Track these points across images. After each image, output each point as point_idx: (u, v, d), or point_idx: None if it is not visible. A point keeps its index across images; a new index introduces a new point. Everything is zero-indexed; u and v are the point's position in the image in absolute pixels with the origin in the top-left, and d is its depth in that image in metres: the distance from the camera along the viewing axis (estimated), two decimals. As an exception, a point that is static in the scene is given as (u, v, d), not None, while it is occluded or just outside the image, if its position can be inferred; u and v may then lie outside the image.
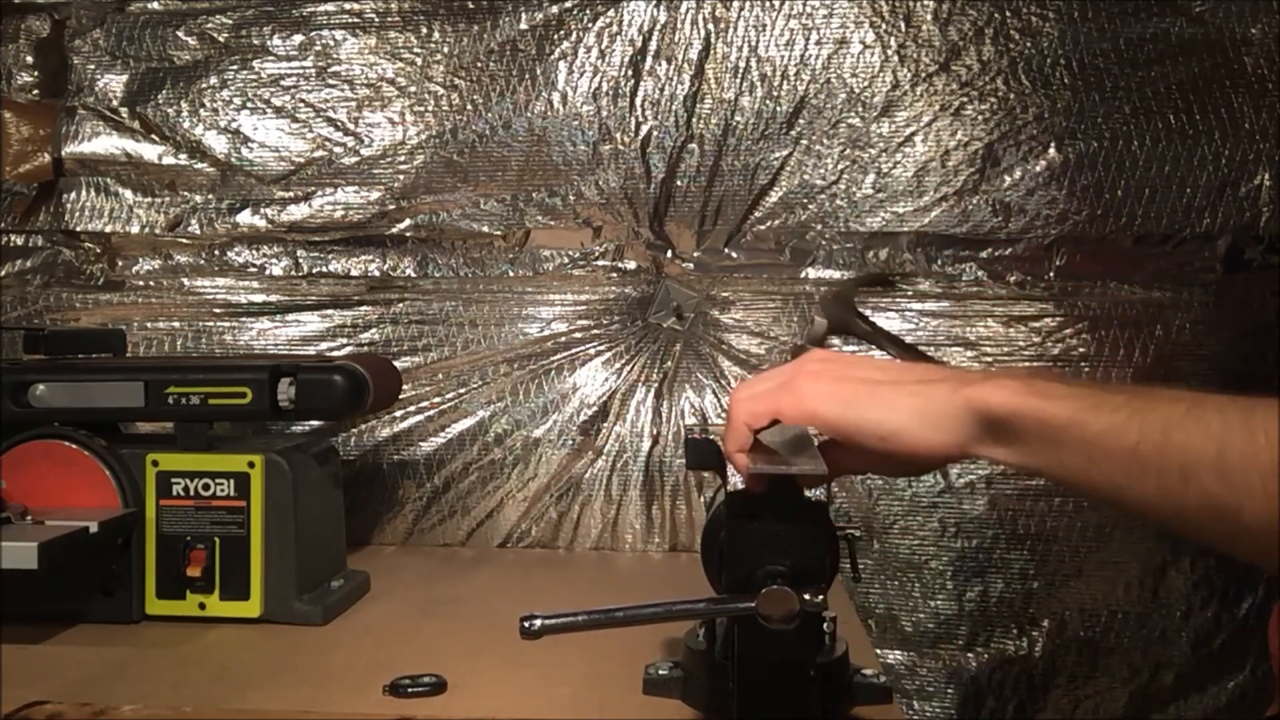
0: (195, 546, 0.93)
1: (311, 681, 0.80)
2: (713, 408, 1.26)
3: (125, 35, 1.32)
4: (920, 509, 1.24)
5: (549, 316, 1.29)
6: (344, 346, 1.31)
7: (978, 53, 1.22)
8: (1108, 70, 1.21)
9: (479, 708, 0.75)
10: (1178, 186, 1.20)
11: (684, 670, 0.77)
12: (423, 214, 1.30)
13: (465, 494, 1.29)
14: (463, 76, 1.28)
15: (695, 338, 1.27)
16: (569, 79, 1.27)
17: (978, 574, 1.23)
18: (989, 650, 1.23)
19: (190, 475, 0.94)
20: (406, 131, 1.29)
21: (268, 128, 1.31)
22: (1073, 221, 1.22)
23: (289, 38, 1.30)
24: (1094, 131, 1.21)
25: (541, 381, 1.29)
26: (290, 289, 1.32)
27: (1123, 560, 1.21)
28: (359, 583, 1.04)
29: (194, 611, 0.93)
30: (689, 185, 1.27)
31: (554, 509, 1.28)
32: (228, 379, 0.95)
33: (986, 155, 1.23)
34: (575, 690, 0.79)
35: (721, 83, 1.25)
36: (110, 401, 0.96)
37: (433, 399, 1.29)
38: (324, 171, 1.30)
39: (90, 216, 1.33)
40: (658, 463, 1.27)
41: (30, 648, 0.87)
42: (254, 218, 1.31)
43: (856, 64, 1.24)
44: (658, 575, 1.13)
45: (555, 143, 1.27)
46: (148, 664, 0.84)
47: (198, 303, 1.33)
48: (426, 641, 0.90)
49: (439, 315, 1.30)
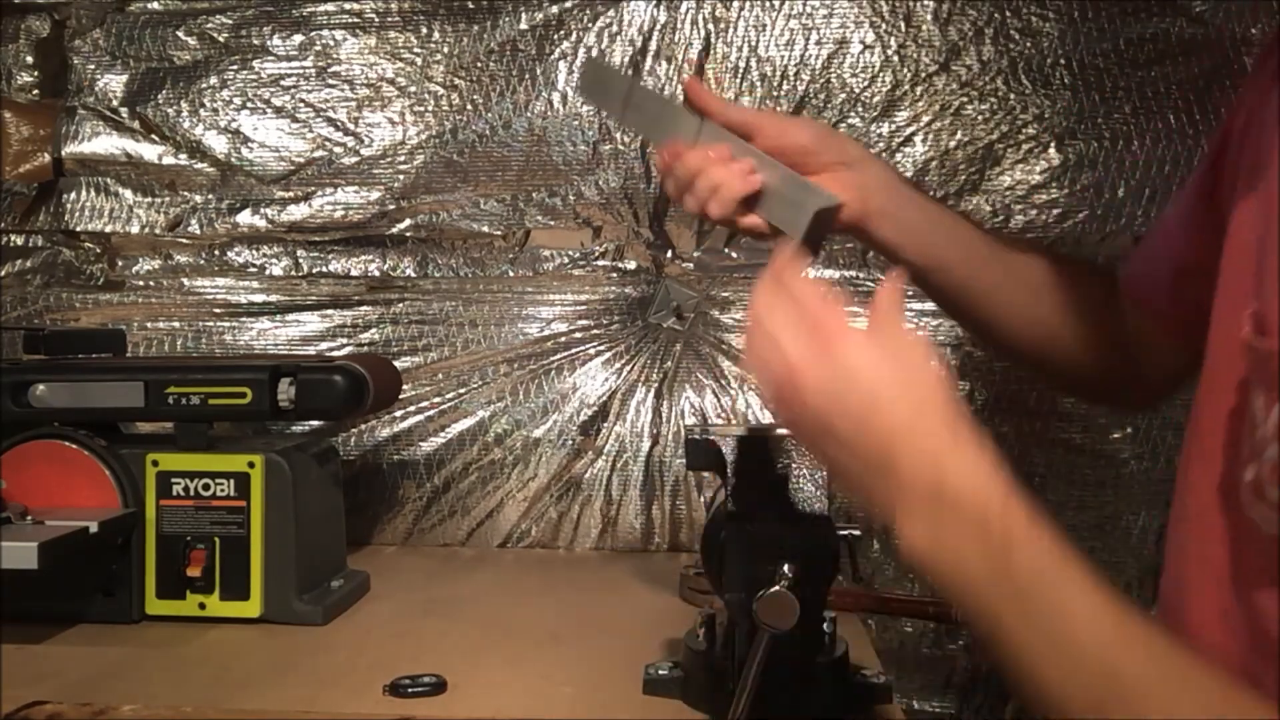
0: (195, 546, 0.93)
1: (311, 681, 0.80)
2: (713, 408, 1.26)
3: (125, 35, 1.32)
4: (920, 509, 1.24)
5: (549, 316, 1.29)
6: (344, 346, 1.31)
7: (978, 53, 1.22)
8: (1108, 70, 1.21)
9: (479, 708, 0.75)
10: (1178, 186, 1.20)
11: (684, 670, 0.77)
12: (423, 214, 1.30)
13: (465, 494, 1.29)
14: (463, 76, 1.28)
15: (695, 338, 1.27)
16: (569, 79, 1.27)
17: (978, 574, 1.23)
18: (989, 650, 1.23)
19: (190, 475, 0.94)
20: (406, 131, 1.29)
21: (268, 128, 1.31)
22: (1073, 221, 1.22)
23: (289, 38, 1.30)
24: (1094, 131, 1.21)
25: (541, 381, 1.29)
26: (290, 289, 1.32)
27: (1122, 560, 1.21)
28: (359, 583, 1.04)
29: (194, 611, 0.93)
30: (689, 185, 1.26)
31: (554, 509, 1.28)
32: (228, 379, 0.95)
33: (986, 155, 1.23)
34: (575, 690, 0.79)
35: (721, 83, 1.25)
36: (110, 401, 0.96)
37: (433, 399, 1.29)
38: (324, 171, 1.30)
39: (90, 216, 1.33)
40: (658, 463, 1.27)
41: (30, 648, 0.87)
42: (254, 218, 1.31)
43: (856, 64, 1.24)
44: (658, 575, 1.13)
45: (555, 143, 1.27)
46: (148, 664, 0.84)
47: (198, 303, 1.33)
48: (426, 641, 0.90)
49: (439, 315, 1.30)
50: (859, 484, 0.56)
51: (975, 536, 0.51)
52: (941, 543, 0.52)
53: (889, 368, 0.55)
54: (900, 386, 0.55)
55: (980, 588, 0.51)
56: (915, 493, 0.53)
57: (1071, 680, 0.48)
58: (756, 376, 0.61)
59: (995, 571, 0.50)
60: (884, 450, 0.54)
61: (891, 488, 0.54)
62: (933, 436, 0.53)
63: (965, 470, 0.52)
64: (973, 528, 0.51)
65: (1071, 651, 0.48)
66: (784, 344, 0.57)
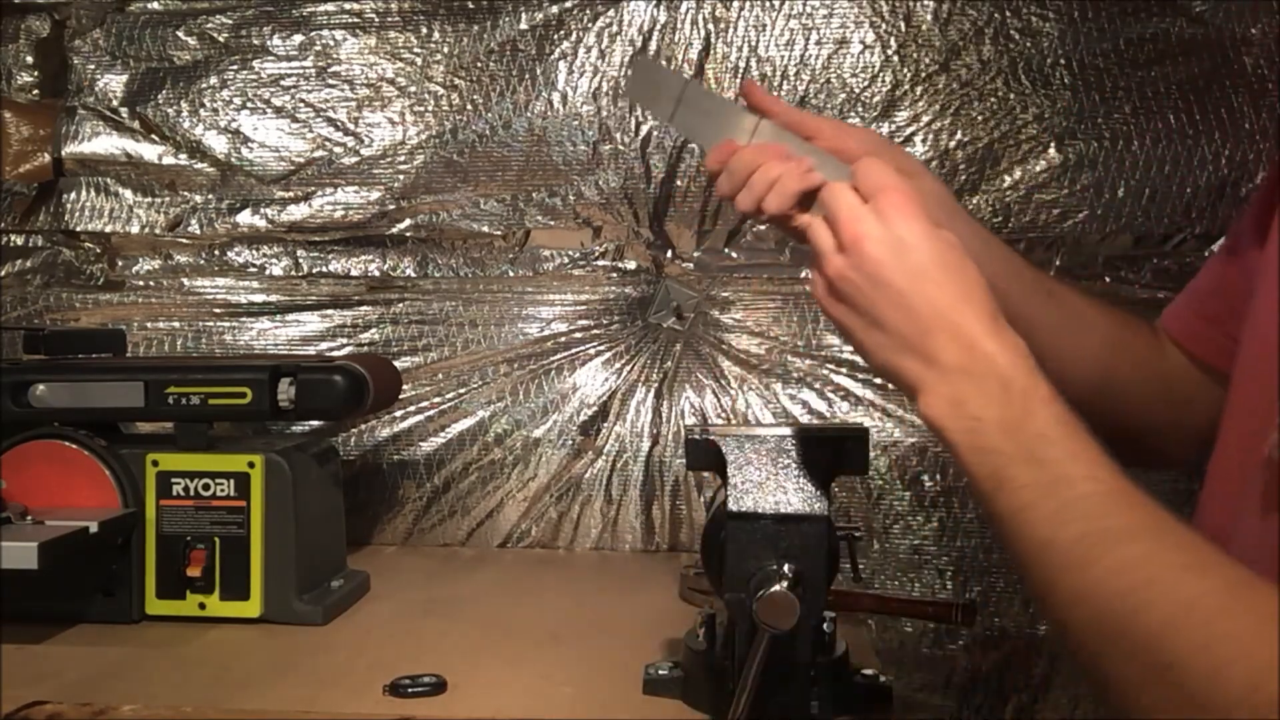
0: (195, 546, 0.93)
1: (311, 681, 0.80)
2: (713, 408, 1.26)
3: (125, 35, 1.32)
4: (920, 509, 1.24)
5: (549, 316, 1.29)
6: (344, 346, 1.31)
7: (978, 53, 1.22)
8: (1108, 70, 1.21)
9: (479, 708, 0.75)
10: (1178, 186, 1.20)
11: (684, 670, 0.77)
12: (423, 214, 1.30)
13: (465, 494, 1.29)
14: (463, 76, 1.28)
15: (695, 338, 1.27)
16: (569, 79, 1.27)
17: (978, 574, 1.23)
18: (988, 650, 1.23)
19: (190, 475, 0.94)
20: (406, 131, 1.29)
21: (268, 128, 1.31)
22: (1073, 221, 1.22)
23: (289, 38, 1.30)
24: (1094, 131, 1.21)
25: (541, 381, 1.29)
26: (290, 289, 1.32)
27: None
28: (359, 583, 1.04)
29: (194, 611, 0.93)
30: (689, 185, 1.27)
31: (554, 509, 1.28)
32: (228, 379, 0.95)
33: (986, 155, 1.23)
34: (575, 690, 0.79)
35: (721, 83, 1.25)
36: (110, 401, 0.96)
37: (433, 399, 1.29)
38: (324, 171, 1.30)
39: (90, 216, 1.33)
40: (658, 463, 1.27)
41: (30, 648, 0.87)
42: (254, 218, 1.31)
43: (856, 64, 1.24)
44: (658, 575, 1.13)
45: (555, 143, 1.27)
46: (148, 664, 0.84)
47: (198, 303, 1.33)
48: (426, 641, 0.90)
49: (439, 315, 1.30)
50: (888, 352, 0.59)
51: (997, 402, 0.55)
52: (962, 408, 0.56)
53: (950, 254, 0.59)
54: (954, 270, 0.59)
55: (992, 445, 0.54)
56: (945, 367, 0.57)
57: (1063, 531, 0.51)
58: (820, 226, 0.64)
59: (1009, 432, 0.54)
60: (925, 318, 0.58)
61: (921, 361, 0.58)
62: (973, 321, 0.57)
63: (997, 351, 0.56)
64: (995, 394, 0.55)
65: (1070, 506, 0.51)
66: (856, 206, 0.61)
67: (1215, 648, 0.43)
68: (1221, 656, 0.43)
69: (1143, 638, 0.46)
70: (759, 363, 1.26)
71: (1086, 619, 0.49)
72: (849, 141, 0.74)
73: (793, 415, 1.25)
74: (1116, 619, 0.47)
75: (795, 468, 0.70)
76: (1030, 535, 0.52)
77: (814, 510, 0.68)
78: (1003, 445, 0.54)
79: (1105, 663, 0.48)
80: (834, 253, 0.62)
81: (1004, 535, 0.54)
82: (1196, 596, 0.45)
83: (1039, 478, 0.53)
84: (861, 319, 0.60)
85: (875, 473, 1.24)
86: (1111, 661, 0.48)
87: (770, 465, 0.71)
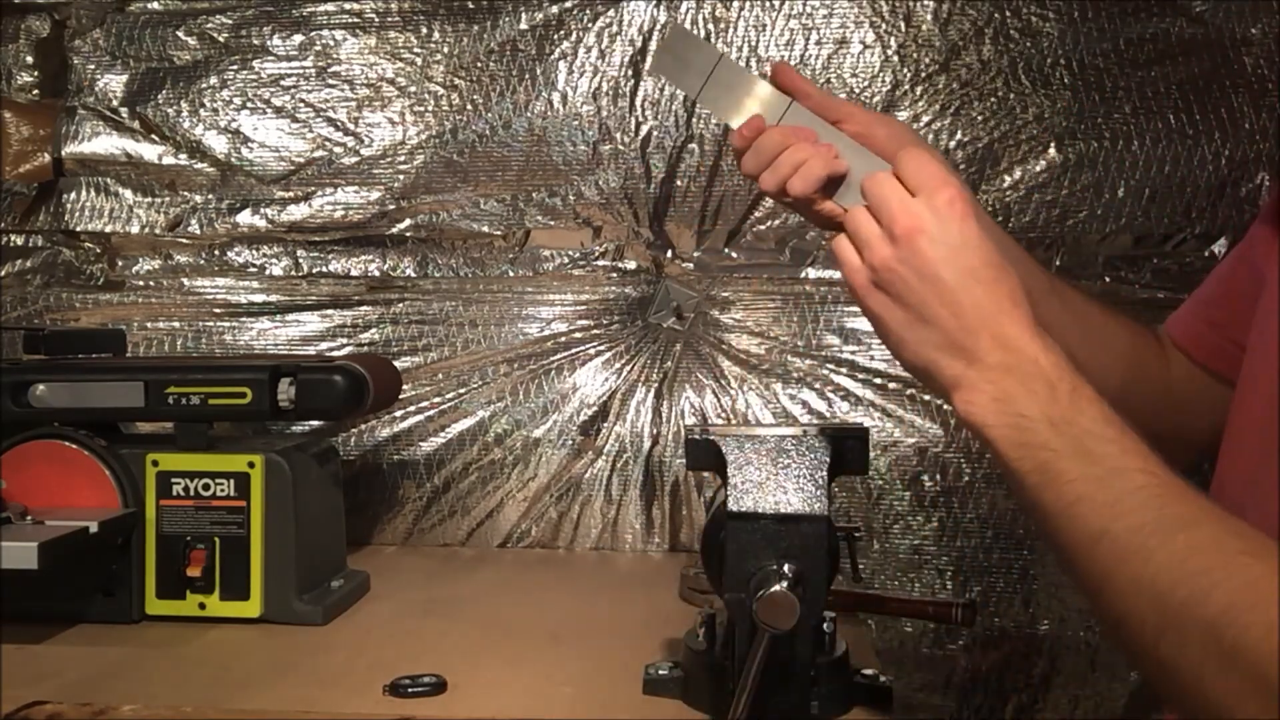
0: (195, 546, 0.93)
1: (311, 681, 0.80)
2: (713, 408, 1.26)
3: (125, 35, 1.32)
4: (920, 509, 1.24)
5: (549, 316, 1.29)
6: (344, 346, 1.31)
7: (978, 53, 1.22)
8: (1108, 70, 1.21)
9: (479, 708, 0.75)
10: (1178, 186, 1.20)
11: (684, 670, 0.77)
12: (423, 214, 1.30)
13: (465, 494, 1.29)
14: (463, 76, 1.28)
15: (695, 338, 1.27)
16: (569, 79, 1.27)
17: (978, 574, 1.23)
18: (988, 650, 1.23)
19: (190, 475, 0.94)
20: (406, 131, 1.29)
21: (268, 128, 1.31)
22: (1073, 221, 1.22)
23: (289, 38, 1.30)
24: (1094, 131, 1.21)
25: (541, 381, 1.29)
26: (290, 289, 1.32)
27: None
28: (359, 583, 1.04)
29: (194, 611, 0.93)
30: (689, 185, 1.27)
31: (554, 509, 1.28)
32: (228, 379, 0.95)
33: (986, 155, 1.23)
34: (575, 690, 0.79)
35: (721, 83, 1.25)
36: (110, 401, 0.96)
37: (433, 399, 1.29)
38: (324, 171, 1.30)
39: (90, 216, 1.33)
40: (658, 463, 1.27)
41: (30, 648, 0.87)
42: (254, 218, 1.31)
43: (856, 64, 1.24)
44: (658, 575, 1.13)
45: (555, 143, 1.27)
46: (148, 664, 0.84)
47: (198, 303, 1.33)
48: (426, 641, 0.90)
49: (439, 315, 1.30)
50: (928, 349, 0.60)
51: (1044, 400, 0.56)
52: (1008, 405, 0.56)
53: (996, 259, 0.60)
54: (1002, 275, 0.59)
55: (1041, 441, 0.55)
56: (988, 365, 0.57)
57: (1119, 523, 0.51)
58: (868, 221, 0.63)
59: (1058, 427, 0.55)
60: (972, 318, 0.58)
61: (963, 360, 0.58)
62: (1019, 326, 0.58)
63: (1040, 353, 0.57)
64: (1042, 393, 0.56)
65: (1126, 498, 0.51)
66: (910, 199, 0.61)
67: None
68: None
69: (1207, 623, 0.46)
70: (759, 363, 1.26)
71: (1146, 608, 0.49)
72: (878, 130, 0.74)
73: (793, 415, 1.25)
74: (1180, 606, 0.47)
75: (795, 468, 0.70)
76: (1083, 528, 0.52)
77: (814, 510, 0.68)
78: (1052, 440, 0.54)
79: (1166, 650, 0.48)
80: (883, 243, 0.61)
81: (1051, 530, 0.55)
82: (1257, 579, 0.46)
83: (1091, 471, 0.53)
84: (905, 313, 0.60)
85: (875, 473, 1.24)
86: (1173, 648, 0.48)
87: (770, 465, 0.71)
